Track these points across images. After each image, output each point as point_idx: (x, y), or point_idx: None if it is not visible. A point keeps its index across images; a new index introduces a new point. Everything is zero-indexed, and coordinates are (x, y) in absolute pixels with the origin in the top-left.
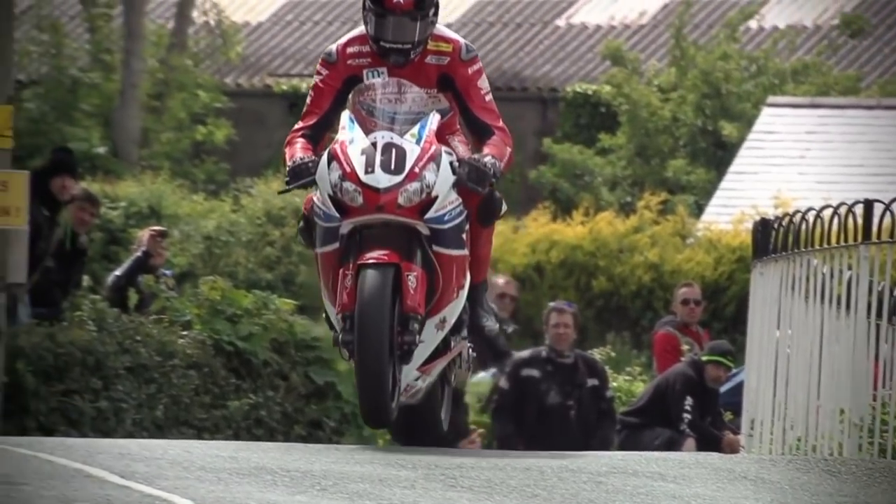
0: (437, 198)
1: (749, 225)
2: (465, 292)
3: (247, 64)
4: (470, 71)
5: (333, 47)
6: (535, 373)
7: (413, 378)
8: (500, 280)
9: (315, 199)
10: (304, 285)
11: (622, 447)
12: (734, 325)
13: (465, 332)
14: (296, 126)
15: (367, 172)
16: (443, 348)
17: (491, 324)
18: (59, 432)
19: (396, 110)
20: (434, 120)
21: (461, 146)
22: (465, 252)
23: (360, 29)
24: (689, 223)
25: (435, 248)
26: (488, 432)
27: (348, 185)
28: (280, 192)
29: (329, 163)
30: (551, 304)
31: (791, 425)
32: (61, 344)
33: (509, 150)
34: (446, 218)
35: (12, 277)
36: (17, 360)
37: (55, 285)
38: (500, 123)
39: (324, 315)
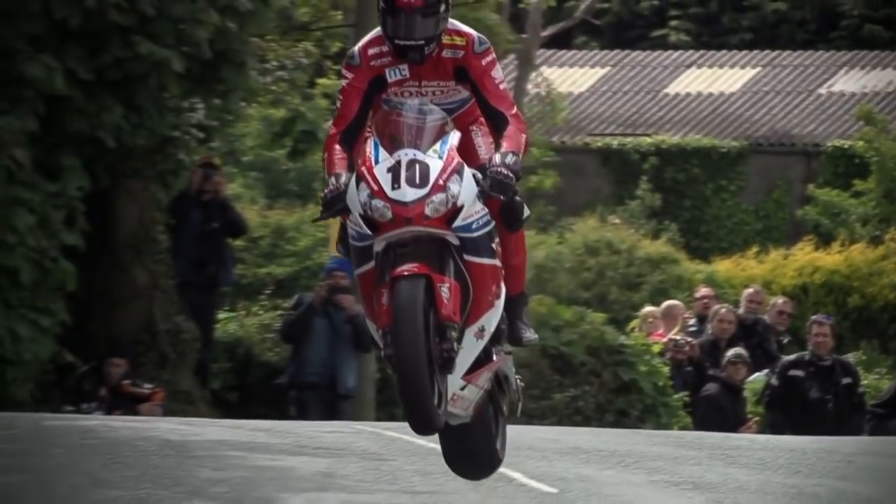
0: (462, 207)
1: None
2: (501, 302)
3: (570, 125)
4: (484, 62)
5: (355, 50)
6: (799, 373)
7: (459, 387)
8: (780, 300)
9: (348, 221)
10: (615, 302)
11: (871, 434)
12: None
13: (506, 346)
14: (331, 131)
15: (393, 188)
16: (484, 358)
17: (530, 335)
18: None
19: (420, 103)
20: (455, 136)
21: (484, 142)
22: (497, 262)
23: (378, 30)
24: None
25: (466, 257)
26: (761, 420)
27: (377, 202)
28: (314, 221)
29: (357, 184)
30: (813, 317)
31: None
32: None
33: (524, 136)
34: (474, 226)
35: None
36: None
37: None
38: (514, 111)
39: (370, 337)
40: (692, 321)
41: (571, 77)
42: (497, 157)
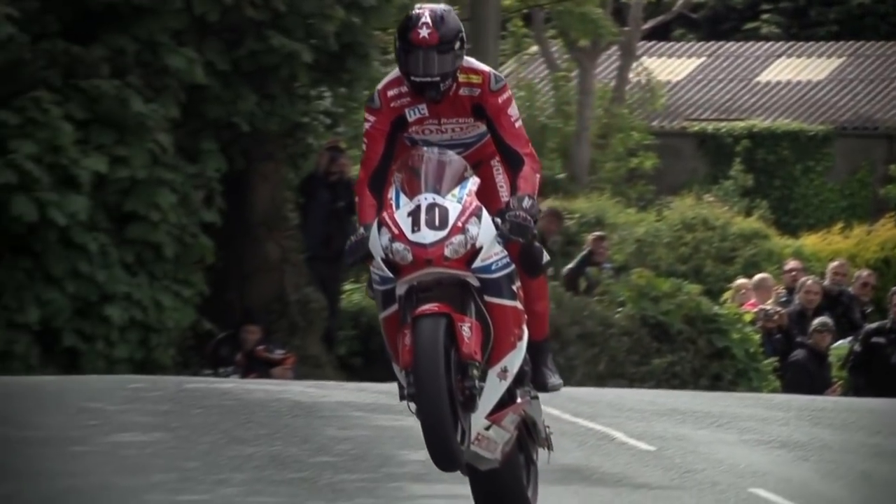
0: (481, 248)
1: None
2: (523, 343)
3: (668, 111)
4: (500, 100)
5: (376, 94)
6: (881, 340)
7: (483, 427)
8: (864, 273)
9: (372, 267)
10: (710, 274)
11: None
12: None
13: (531, 390)
14: (360, 175)
15: (413, 231)
16: (508, 399)
17: (555, 380)
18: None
19: (441, 140)
20: (473, 182)
21: (504, 180)
22: (518, 304)
23: (396, 72)
24: None
25: (486, 298)
26: (845, 384)
27: (398, 245)
28: (344, 267)
29: (379, 229)
30: (894, 288)
31: None
32: None
33: (538, 175)
34: (493, 268)
35: None
36: None
37: None
38: (529, 149)
39: (397, 381)
40: (782, 292)
41: (670, 66)
42: (514, 201)
